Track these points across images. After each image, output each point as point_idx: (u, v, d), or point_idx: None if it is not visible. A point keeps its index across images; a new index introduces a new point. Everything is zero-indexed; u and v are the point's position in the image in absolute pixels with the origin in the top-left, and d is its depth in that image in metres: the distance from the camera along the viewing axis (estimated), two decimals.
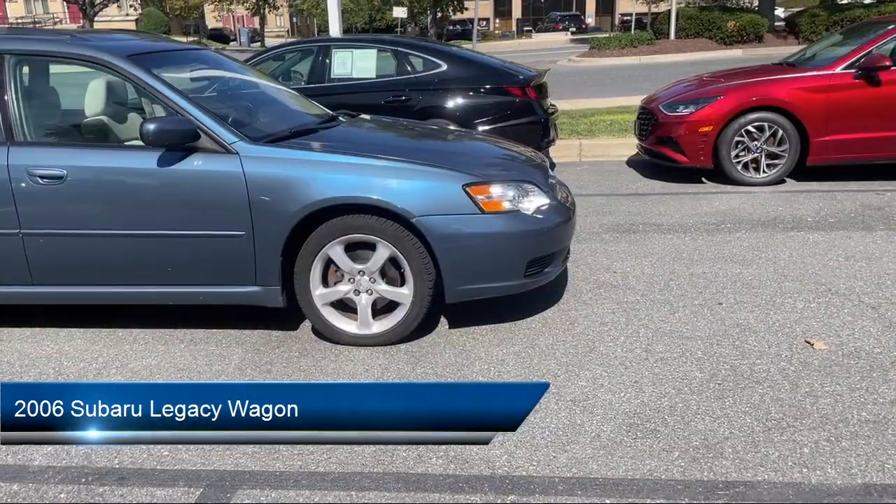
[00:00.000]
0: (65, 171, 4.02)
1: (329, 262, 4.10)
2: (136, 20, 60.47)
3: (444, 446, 3.03)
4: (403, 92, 8.08)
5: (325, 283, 4.13)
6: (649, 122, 8.41)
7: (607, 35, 35.90)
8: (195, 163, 3.99)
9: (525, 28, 67.80)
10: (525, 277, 4.13)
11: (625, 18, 64.84)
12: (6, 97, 4.17)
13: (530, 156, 4.83)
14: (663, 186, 7.88)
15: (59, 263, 4.18)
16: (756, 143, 7.69)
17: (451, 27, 57.30)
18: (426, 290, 4.01)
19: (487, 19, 74.93)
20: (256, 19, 79.06)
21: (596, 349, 3.96)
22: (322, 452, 3.09)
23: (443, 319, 4.39)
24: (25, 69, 4.30)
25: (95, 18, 44.57)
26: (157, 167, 4.01)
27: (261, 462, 3.05)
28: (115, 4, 48.69)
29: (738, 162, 7.80)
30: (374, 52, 8.57)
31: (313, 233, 4.00)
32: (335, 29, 11.40)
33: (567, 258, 4.52)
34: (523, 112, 8.23)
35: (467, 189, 3.97)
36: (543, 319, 4.40)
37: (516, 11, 76.06)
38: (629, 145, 9.25)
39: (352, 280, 4.08)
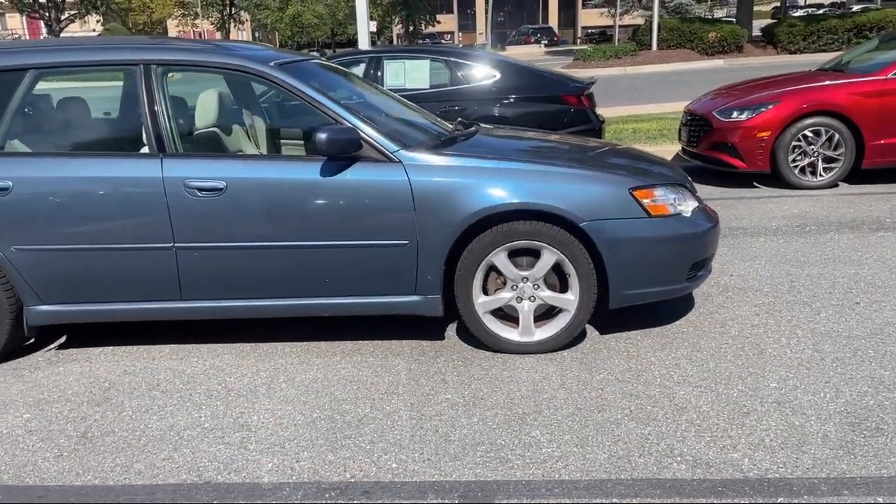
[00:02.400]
0: (224, 183, 3.94)
1: (490, 270, 4.05)
2: (99, 35, 59.62)
3: (679, 450, 3.02)
4: (458, 101, 8.07)
5: (485, 290, 4.08)
6: (701, 128, 8.50)
7: (586, 47, 36.21)
8: (358, 172, 3.94)
9: (481, 43, 68.11)
10: (686, 281, 4.14)
11: (589, 31, 65.62)
12: (156, 107, 4.07)
13: (661, 160, 4.85)
14: (721, 192, 7.97)
15: (212, 278, 4.09)
16: (813, 147, 7.81)
17: (420, 41, 57.44)
18: (591, 295, 4.00)
19: (452, 33, 75.34)
20: (218, 35, 78.63)
21: (765, 351, 3.98)
22: (556, 460, 3.06)
23: (588, 326, 4.36)
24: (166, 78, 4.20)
25: (61, 34, 43.88)
26: (319, 177, 3.95)
27: (498, 472, 3.00)
28: (82, 20, 47.87)
29: (795, 166, 7.92)
30: (426, 62, 8.55)
31: (476, 240, 3.97)
32: (363, 41, 11.34)
33: None
34: (579, 120, 8.28)
35: (633, 193, 3.97)
36: (690, 323, 4.41)
37: (480, 26, 76.42)
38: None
39: (514, 287, 4.05)
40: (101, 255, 4.04)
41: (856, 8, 40.39)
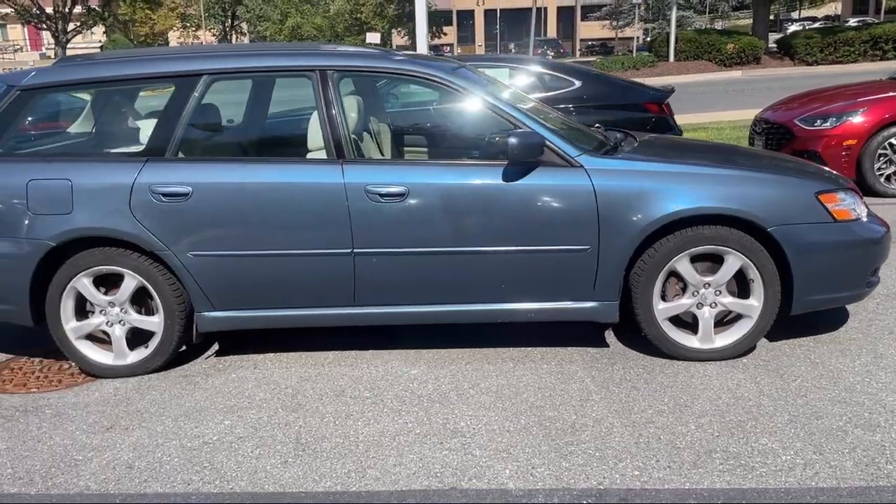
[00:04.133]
0: (405, 189, 3.91)
1: (668, 276, 4.02)
2: (102, 46, 59.59)
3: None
4: None
5: (663, 297, 4.06)
6: (781, 136, 8.51)
7: (595, 59, 36.35)
8: (539, 177, 3.92)
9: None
10: (865, 286, 4.12)
11: (590, 43, 65.88)
12: (334, 113, 4.05)
13: (816, 165, 4.84)
14: None
15: (387, 283, 4.05)
16: None
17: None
18: (776, 301, 3.97)
19: (451, 45, 75.50)
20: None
21: None
22: (802, 468, 3.03)
23: None
24: (350, 86, 4.18)
25: (68, 45, 43.78)
26: (500, 182, 3.93)
27: (749, 479, 3.01)
28: (89, 31, 47.76)
29: (881, 174, 7.94)
30: (505, 70, 8.54)
31: (658, 244, 3.95)
32: (422, 48, 11.34)
33: None
34: (661, 127, 8.27)
35: (819, 197, 3.96)
36: (857, 330, 4.41)
37: (479, 38, 76.66)
38: None
39: (696, 293, 4.02)
40: (278, 261, 4.00)
41: (852, 22, 40.68)
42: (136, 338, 4.19)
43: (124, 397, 3.88)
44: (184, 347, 4.39)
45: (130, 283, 4.04)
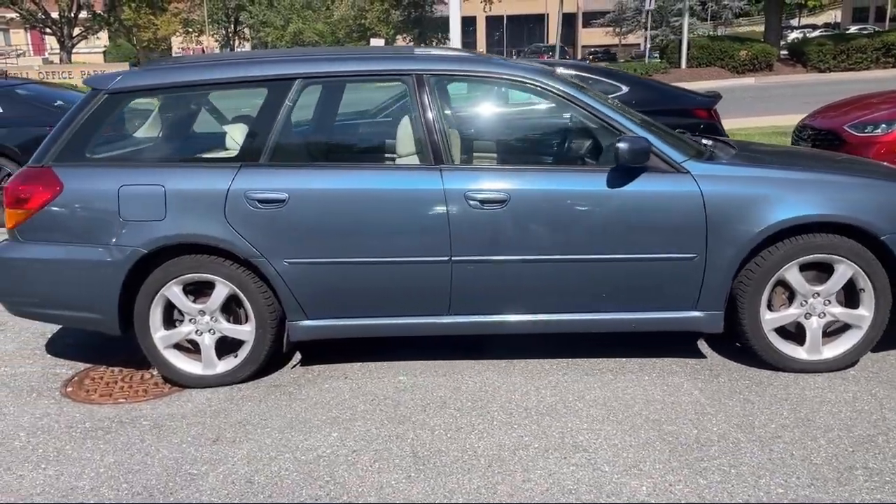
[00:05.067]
0: (507, 195, 3.81)
1: (776, 285, 3.92)
2: (104, 51, 59.53)
3: None
4: None
5: (769, 306, 3.96)
6: (829, 142, 8.42)
7: (602, 65, 36.27)
8: (645, 183, 3.82)
9: None
10: None
11: (593, 50, 65.87)
12: (430, 117, 3.95)
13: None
14: None
15: (483, 292, 3.95)
16: None
17: None
18: (886, 311, 3.87)
19: None
20: (217, 52, 78.73)
21: None
22: None
23: None
24: (446, 90, 4.08)
25: (73, 50, 43.68)
26: (605, 188, 3.84)
27: None
28: (94, 36, 47.68)
29: None
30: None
31: (766, 252, 3.85)
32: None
33: None
34: (710, 133, 8.15)
35: None
36: None
37: (480, 44, 76.76)
38: None
39: (804, 303, 3.92)
40: (373, 269, 3.89)
41: (852, 29, 40.77)
42: (221, 347, 4.08)
43: (220, 408, 3.76)
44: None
45: (222, 290, 3.93)
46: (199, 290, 4.00)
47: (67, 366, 4.36)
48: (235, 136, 4.15)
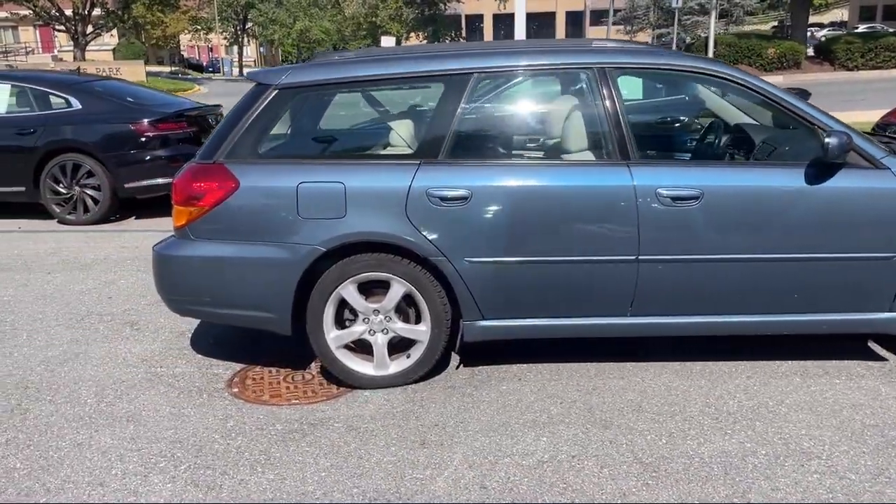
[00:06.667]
0: (700, 192, 3.68)
1: None
2: (114, 49, 59.38)
3: None
4: None
5: None
6: None
7: None
8: (845, 179, 3.69)
9: None
10: None
11: None
12: (615, 111, 3.82)
13: None
14: None
15: (669, 292, 3.82)
16: None
17: None
18: None
19: None
20: (222, 49, 78.72)
21: None
22: None
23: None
24: (626, 83, 3.95)
25: (87, 48, 43.55)
26: (804, 185, 3.71)
27: None
28: (108, 33, 47.54)
29: None
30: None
31: None
32: None
33: None
34: None
35: None
36: None
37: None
38: None
39: None
40: (555, 268, 3.76)
41: (861, 28, 40.64)
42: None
43: (408, 410, 3.64)
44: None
45: (398, 290, 3.80)
46: (367, 290, 3.85)
47: (223, 366, 4.22)
48: (406, 132, 4.02)
